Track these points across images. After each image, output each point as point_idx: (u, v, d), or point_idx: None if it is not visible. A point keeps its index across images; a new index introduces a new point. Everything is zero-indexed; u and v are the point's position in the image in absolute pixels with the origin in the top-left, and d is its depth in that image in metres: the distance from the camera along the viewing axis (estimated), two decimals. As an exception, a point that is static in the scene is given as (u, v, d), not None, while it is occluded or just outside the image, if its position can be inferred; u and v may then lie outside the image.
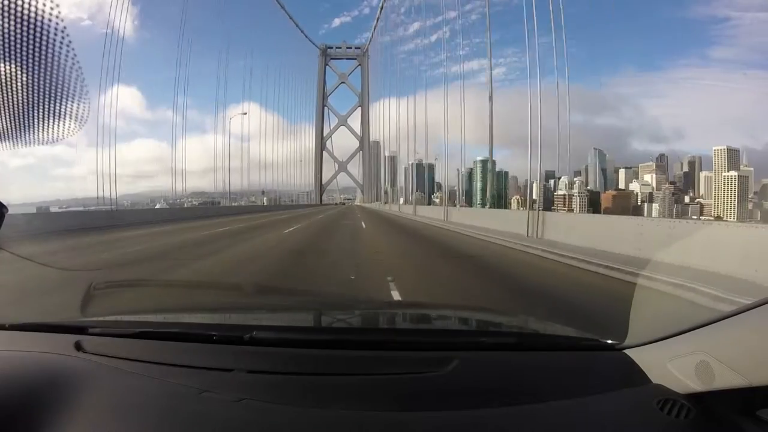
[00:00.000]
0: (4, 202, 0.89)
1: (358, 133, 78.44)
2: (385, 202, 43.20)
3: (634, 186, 42.12)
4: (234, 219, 20.67)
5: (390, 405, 0.79)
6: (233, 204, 38.87)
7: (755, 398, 0.67)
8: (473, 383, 0.86)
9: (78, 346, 0.99)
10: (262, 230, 12.95)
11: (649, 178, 41.29)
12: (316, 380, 0.88)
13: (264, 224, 15.86)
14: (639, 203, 40.02)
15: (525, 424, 0.73)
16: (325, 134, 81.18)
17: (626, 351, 0.93)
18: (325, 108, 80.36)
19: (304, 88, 72.04)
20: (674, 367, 0.78)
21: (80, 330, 1.10)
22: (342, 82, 79.84)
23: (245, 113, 41.40)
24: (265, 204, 51.43)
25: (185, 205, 34.34)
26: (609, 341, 1.01)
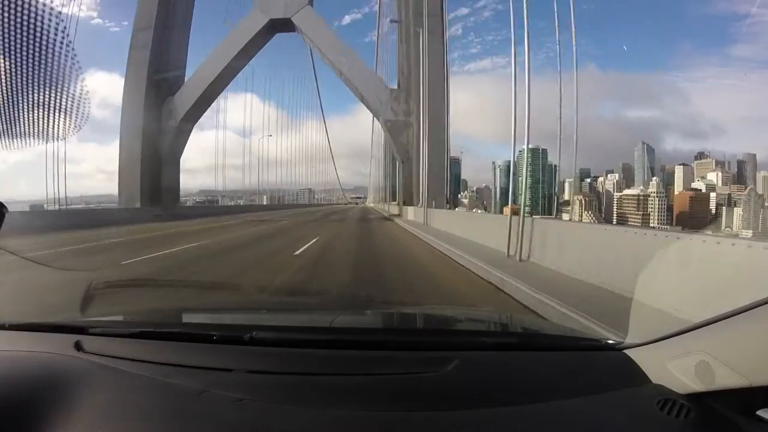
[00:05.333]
0: (5, 202, 1.01)
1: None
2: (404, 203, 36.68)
3: (697, 186, 40.05)
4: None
5: (390, 405, 0.85)
6: (230, 204, 40.37)
7: (755, 398, 0.73)
8: (473, 383, 0.93)
9: (78, 346, 1.07)
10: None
11: (714, 177, 39.15)
12: (315, 380, 0.95)
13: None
14: (715, 207, 37.57)
15: (525, 424, 0.79)
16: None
17: (626, 351, 1.00)
18: None
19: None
20: (674, 367, 0.84)
21: (80, 330, 1.20)
22: None
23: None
24: (265, 203, 52.33)
25: (188, 204, 35.55)
26: (609, 341, 1.09)
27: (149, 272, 5.89)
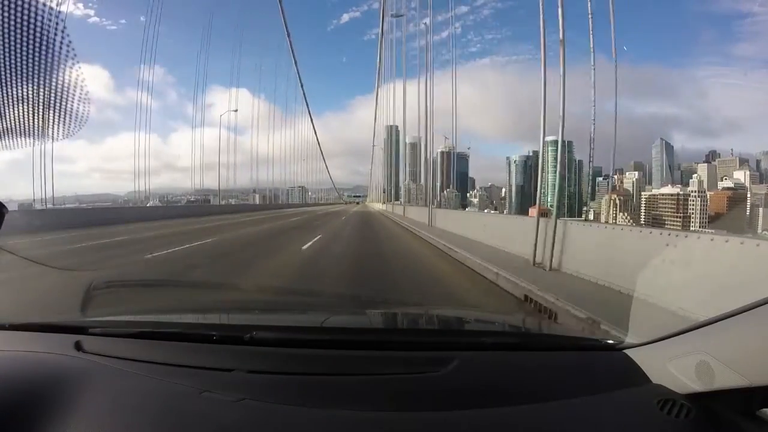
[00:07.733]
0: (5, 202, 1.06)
1: None
2: (408, 202, 32.82)
3: (727, 185, 39.37)
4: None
5: (390, 405, 0.89)
6: (221, 203, 41.50)
7: (755, 398, 0.75)
8: (473, 383, 0.96)
9: (78, 346, 1.11)
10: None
11: (741, 176, 38.53)
12: (315, 380, 0.98)
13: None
14: (750, 207, 36.76)
15: (525, 424, 0.82)
16: None
17: (626, 351, 1.03)
18: None
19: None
20: (674, 367, 0.87)
21: (80, 330, 1.24)
22: None
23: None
24: (257, 203, 52.57)
25: (183, 203, 36.20)
26: (609, 341, 1.12)
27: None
